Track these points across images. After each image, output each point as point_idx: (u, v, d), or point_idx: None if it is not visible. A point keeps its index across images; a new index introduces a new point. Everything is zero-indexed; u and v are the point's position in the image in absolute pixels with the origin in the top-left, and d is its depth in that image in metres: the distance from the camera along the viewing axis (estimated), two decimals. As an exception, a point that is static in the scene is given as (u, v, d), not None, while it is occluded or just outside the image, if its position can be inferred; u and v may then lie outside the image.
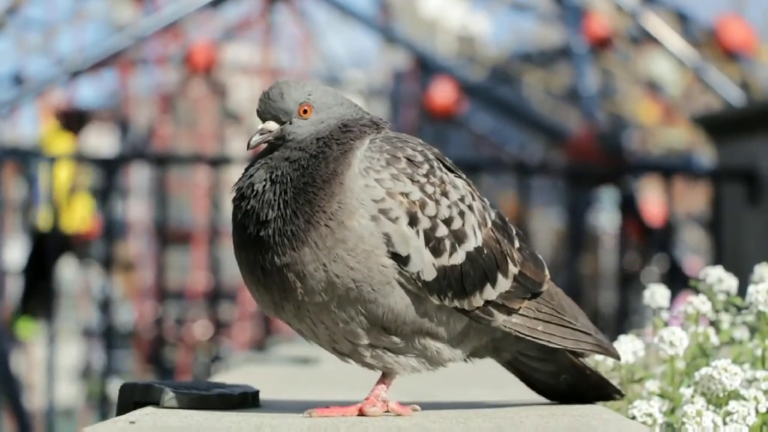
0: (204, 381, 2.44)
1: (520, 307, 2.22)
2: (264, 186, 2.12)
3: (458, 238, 2.14)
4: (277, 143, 2.18)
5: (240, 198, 2.14)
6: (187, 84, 15.95)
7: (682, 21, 12.21)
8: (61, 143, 11.54)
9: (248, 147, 2.19)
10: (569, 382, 2.36)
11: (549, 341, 2.25)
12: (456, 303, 2.14)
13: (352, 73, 19.59)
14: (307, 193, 2.09)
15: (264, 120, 2.19)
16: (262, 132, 2.18)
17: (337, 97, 2.21)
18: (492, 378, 2.98)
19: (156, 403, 2.21)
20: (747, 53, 11.94)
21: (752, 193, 8.01)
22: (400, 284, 2.10)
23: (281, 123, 2.18)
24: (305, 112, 2.18)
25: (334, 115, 2.18)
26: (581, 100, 12.27)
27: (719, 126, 8.76)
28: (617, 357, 2.39)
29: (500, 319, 2.20)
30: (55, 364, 9.03)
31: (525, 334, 2.22)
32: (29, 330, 11.21)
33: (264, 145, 2.20)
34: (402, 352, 2.16)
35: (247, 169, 2.17)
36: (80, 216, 11.26)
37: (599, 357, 2.48)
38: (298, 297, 2.09)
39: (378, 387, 2.17)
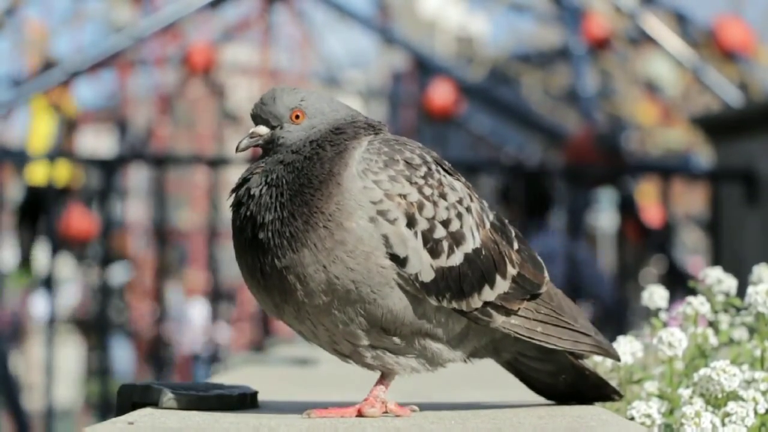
0: (203, 382, 2.44)
1: (519, 308, 2.22)
2: (260, 190, 2.12)
3: (456, 239, 2.14)
4: (267, 147, 2.18)
5: (237, 204, 2.15)
6: (186, 85, 15.97)
7: (681, 22, 12.21)
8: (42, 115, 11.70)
9: (237, 150, 2.20)
10: (568, 383, 2.36)
11: (548, 342, 2.25)
12: (454, 304, 2.14)
13: (350, 73, 19.60)
14: (304, 194, 2.09)
15: (256, 124, 2.20)
16: (252, 136, 2.19)
17: (332, 103, 2.21)
18: (490, 379, 2.98)
19: (155, 404, 2.21)
20: (745, 54, 11.94)
21: (751, 194, 8.01)
22: (399, 285, 2.10)
23: (272, 128, 2.19)
24: (297, 117, 2.19)
25: (327, 120, 2.18)
26: (580, 100, 12.27)
27: (718, 126, 8.76)
28: (617, 358, 2.39)
29: (499, 320, 2.20)
30: (54, 364, 9.02)
31: (524, 335, 2.23)
32: (25, 279, 11.28)
33: (259, 150, 2.21)
34: (402, 352, 2.16)
35: (242, 175, 2.18)
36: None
37: (598, 358, 2.48)
38: (298, 299, 2.10)
39: (377, 388, 2.17)
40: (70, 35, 15.37)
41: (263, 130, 2.20)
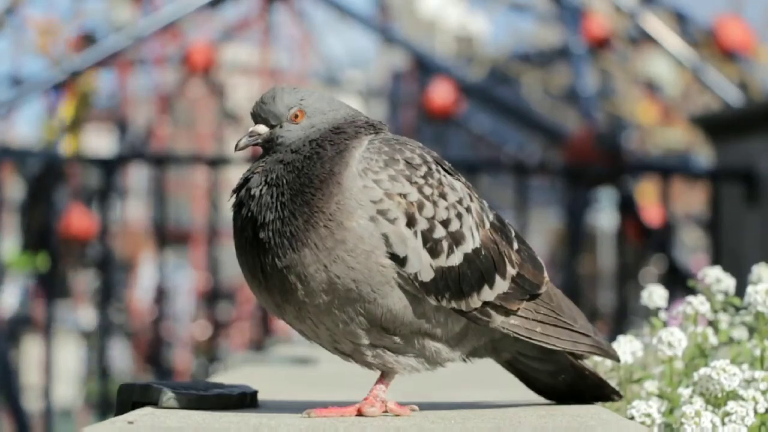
0: (202, 381, 2.44)
1: (518, 309, 2.22)
2: (261, 190, 2.12)
3: (456, 239, 2.14)
4: (267, 147, 2.19)
5: (238, 204, 2.15)
6: (186, 84, 15.94)
7: (681, 21, 12.20)
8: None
9: (236, 149, 2.21)
10: (568, 382, 2.36)
11: (547, 343, 2.25)
12: (453, 304, 2.14)
13: (350, 73, 19.59)
14: (305, 194, 2.09)
15: (256, 123, 2.20)
16: (251, 134, 2.20)
17: (332, 103, 2.21)
18: (490, 378, 2.98)
19: (154, 404, 2.21)
20: (745, 53, 11.93)
21: (750, 193, 8.01)
22: (399, 285, 2.10)
23: (271, 127, 2.19)
24: (296, 117, 2.19)
25: (327, 120, 2.18)
26: (580, 100, 12.26)
27: (718, 126, 8.76)
28: (616, 359, 2.39)
29: (498, 320, 2.20)
30: (53, 364, 9.02)
31: (523, 336, 2.22)
32: (26, 263, 11.33)
33: (259, 150, 2.22)
34: (402, 351, 2.16)
35: (243, 175, 2.18)
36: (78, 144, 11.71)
37: (598, 358, 2.48)
38: (299, 298, 2.10)
39: (376, 387, 2.17)
40: (68, 35, 15.33)
41: (262, 129, 2.20)
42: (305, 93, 2.21)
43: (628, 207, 10.48)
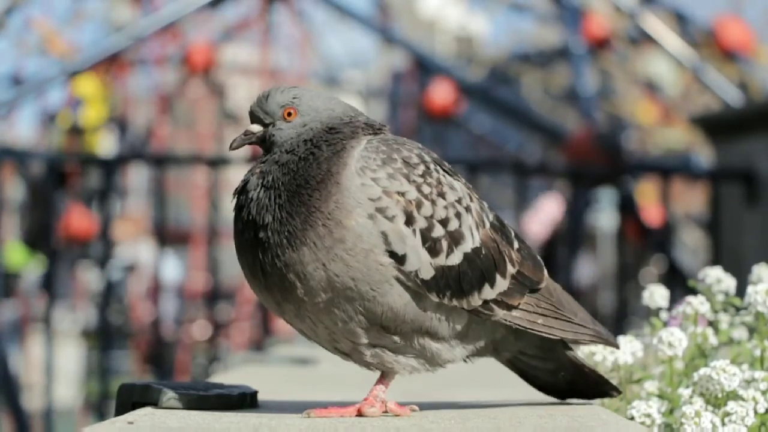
0: (202, 381, 2.44)
1: (519, 303, 2.23)
2: (258, 192, 2.13)
3: (455, 238, 2.14)
4: (263, 145, 2.20)
5: (239, 207, 2.16)
6: (186, 84, 15.96)
7: (681, 21, 12.21)
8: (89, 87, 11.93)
9: (230, 148, 2.23)
10: (568, 380, 2.37)
11: (549, 333, 2.25)
12: (455, 302, 2.15)
13: (350, 73, 19.61)
14: (301, 194, 2.10)
15: (252, 122, 2.22)
16: (245, 133, 2.22)
17: (329, 101, 2.22)
18: (491, 378, 2.98)
19: (154, 404, 2.21)
20: (745, 53, 11.94)
21: (750, 193, 8.01)
22: (399, 282, 2.10)
23: (265, 125, 2.20)
24: (289, 114, 2.20)
25: (321, 118, 2.19)
26: (580, 100, 12.26)
27: (718, 126, 8.76)
28: (617, 346, 2.40)
29: (500, 313, 2.21)
30: (53, 364, 9.03)
31: (525, 327, 2.23)
32: (21, 257, 11.35)
33: (259, 149, 2.23)
34: (401, 351, 2.16)
35: (244, 176, 2.19)
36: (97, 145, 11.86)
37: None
38: (298, 297, 2.10)
39: (376, 387, 2.17)
40: (70, 35, 15.35)
41: (256, 128, 2.22)
42: (299, 91, 2.22)
43: (628, 207, 10.48)
